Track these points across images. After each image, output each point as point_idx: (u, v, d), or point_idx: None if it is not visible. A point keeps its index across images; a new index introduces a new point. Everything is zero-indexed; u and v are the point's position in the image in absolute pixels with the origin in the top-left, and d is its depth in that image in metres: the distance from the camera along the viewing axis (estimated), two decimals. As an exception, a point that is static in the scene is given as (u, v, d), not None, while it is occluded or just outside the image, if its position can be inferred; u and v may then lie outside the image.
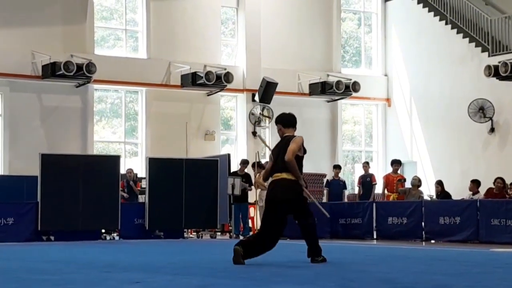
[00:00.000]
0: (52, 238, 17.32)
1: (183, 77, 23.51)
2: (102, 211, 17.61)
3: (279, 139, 10.13)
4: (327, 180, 22.22)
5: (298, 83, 25.44)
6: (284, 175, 9.57)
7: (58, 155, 18.83)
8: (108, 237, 18.34)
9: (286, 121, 9.91)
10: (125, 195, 19.52)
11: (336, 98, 25.72)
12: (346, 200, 22.30)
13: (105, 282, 7.48)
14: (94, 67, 21.54)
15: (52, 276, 8.16)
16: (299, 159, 9.67)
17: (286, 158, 9.50)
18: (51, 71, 21.42)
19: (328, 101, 25.99)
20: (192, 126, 23.94)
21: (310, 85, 25.36)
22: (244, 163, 20.03)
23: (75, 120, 22.55)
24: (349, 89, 25.07)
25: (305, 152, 9.80)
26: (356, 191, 22.50)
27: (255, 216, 20.43)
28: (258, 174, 19.18)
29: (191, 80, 23.25)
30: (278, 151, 9.75)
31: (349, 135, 27.37)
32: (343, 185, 21.78)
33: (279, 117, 10.08)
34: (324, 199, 22.28)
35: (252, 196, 20.08)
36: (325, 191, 22.34)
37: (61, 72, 21.25)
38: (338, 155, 25.94)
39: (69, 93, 22.44)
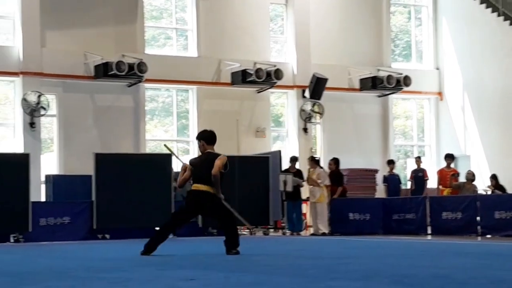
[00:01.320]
0: (107, 236, 17.52)
1: (233, 74, 23.58)
2: (155, 209, 17.73)
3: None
4: (384, 176, 22.16)
5: (348, 78, 25.32)
6: (205, 188, 10.88)
7: (111, 154, 19.03)
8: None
9: (210, 139, 11.20)
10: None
11: (387, 92, 25.55)
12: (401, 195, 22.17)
13: (160, 279, 7.54)
14: (145, 66, 21.74)
15: (108, 274, 8.26)
16: (221, 175, 10.93)
17: (213, 172, 10.80)
18: (103, 71, 21.68)
19: (379, 96, 25.83)
20: (243, 124, 23.99)
21: (361, 80, 25.23)
22: (293, 160, 20.00)
23: (127, 119, 22.79)
24: (400, 83, 24.89)
25: (226, 169, 11.03)
26: (409, 186, 22.36)
27: (307, 213, 20.42)
28: (312, 170, 19.16)
29: (241, 77, 23.31)
30: (201, 164, 11.02)
31: (401, 130, 27.17)
32: (398, 180, 21.68)
33: (203, 134, 11.35)
34: (383, 195, 22.17)
35: (304, 192, 20.06)
36: (383, 187, 22.26)
37: (113, 72, 21.49)
38: (390, 150, 25.77)
39: (121, 93, 22.69)
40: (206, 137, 11.23)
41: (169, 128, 24.31)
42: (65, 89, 22.12)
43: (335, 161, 20.10)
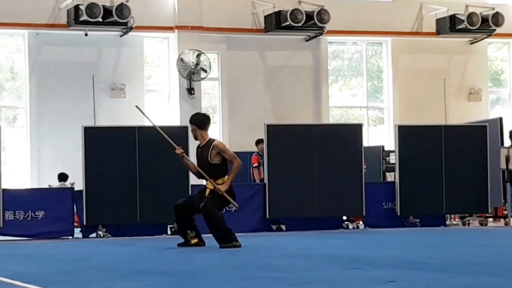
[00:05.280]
0: (284, 227, 17.73)
1: (439, 21, 23.25)
2: (342, 194, 17.74)
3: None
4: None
5: None
6: None
7: (287, 125, 19.18)
8: (350, 226, 18.55)
9: (202, 123, 12.39)
10: None
11: None
12: None
13: (350, 281, 7.55)
14: (327, 15, 21.77)
15: (286, 273, 8.35)
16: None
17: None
18: (275, 22, 21.89)
19: None
20: (452, 84, 23.67)
21: None
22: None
23: (306, 82, 22.95)
24: None
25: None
26: None
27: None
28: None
29: (450, 25, 22.97)
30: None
31: None
32: None
33: (194, 118, 12.59)
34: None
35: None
36: None
37: (287, 23, 21.66)
38: None
39: (297, 49, 22.86)
40: (198, 121, 12.38)
41: (358, 92, 24.29)
42: (229, 46, 22.53)
43: None
